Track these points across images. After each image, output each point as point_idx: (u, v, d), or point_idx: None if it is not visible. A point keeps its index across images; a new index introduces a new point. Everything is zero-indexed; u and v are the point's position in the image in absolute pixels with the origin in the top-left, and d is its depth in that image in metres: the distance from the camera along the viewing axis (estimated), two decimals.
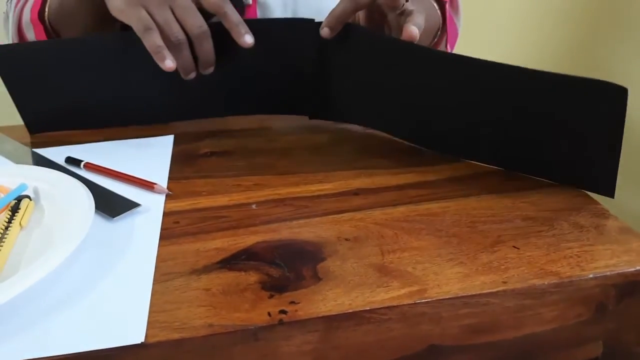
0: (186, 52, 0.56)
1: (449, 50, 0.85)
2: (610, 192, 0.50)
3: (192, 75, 0.58)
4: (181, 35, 0.55)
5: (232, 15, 0.56)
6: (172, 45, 0.55)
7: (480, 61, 0.49)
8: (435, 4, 0.72)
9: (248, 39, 0.56)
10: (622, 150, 0.47)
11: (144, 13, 0.54)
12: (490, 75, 0.51)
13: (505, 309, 0.39)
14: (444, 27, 0.73)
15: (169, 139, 0.64)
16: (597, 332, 0.42)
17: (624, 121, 0.46)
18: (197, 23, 0.55)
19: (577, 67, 1.66)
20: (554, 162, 0.52)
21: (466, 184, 0.53)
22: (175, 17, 0.55)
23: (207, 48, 0.57)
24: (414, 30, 0.53)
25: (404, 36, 0.53)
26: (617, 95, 0.45)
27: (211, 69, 0.59)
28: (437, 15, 0.72)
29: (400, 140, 0.61)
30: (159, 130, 0.66)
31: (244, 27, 0.56)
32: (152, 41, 0.54)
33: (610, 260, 0.41)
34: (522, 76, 0.49)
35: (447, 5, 0.74)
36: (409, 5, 0.55)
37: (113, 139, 0.64)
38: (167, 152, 0.60)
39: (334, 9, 0.56)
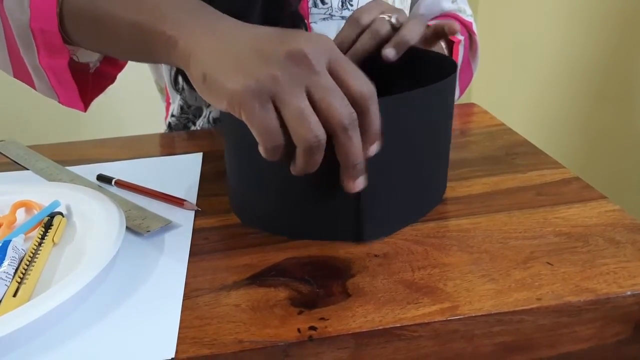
0: (319, 157, 0.38)
1: (458, 94, 0.84)
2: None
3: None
4: (323, 135, 0.37)
5: (375, 114, 0.40)
6: (301, 146, 0.38)
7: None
8: (443, 45, 0.70)
9: (374, 149, 0.41)
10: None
11: (272, 116, 0.37)
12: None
13: (539, 326, 0.38)
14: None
15: (198, 157, 0.64)
16: (637, 352, 0.41)
17: None
18: (346, 111, 0.38)
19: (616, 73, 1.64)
20: None
21: (496, 200, 0.52)
22: (314, 104, 0.37)
23: (355, 142, 0.39)
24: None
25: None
26: None
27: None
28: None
29: None
30: (188, 148, 0.67)
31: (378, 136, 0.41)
32: (272, 156, 0.39)
33: None
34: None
35: (459, 46, 0.73)
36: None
37: (143, 157, 0.65)
38: (196, 170, 0.61)
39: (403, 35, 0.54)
